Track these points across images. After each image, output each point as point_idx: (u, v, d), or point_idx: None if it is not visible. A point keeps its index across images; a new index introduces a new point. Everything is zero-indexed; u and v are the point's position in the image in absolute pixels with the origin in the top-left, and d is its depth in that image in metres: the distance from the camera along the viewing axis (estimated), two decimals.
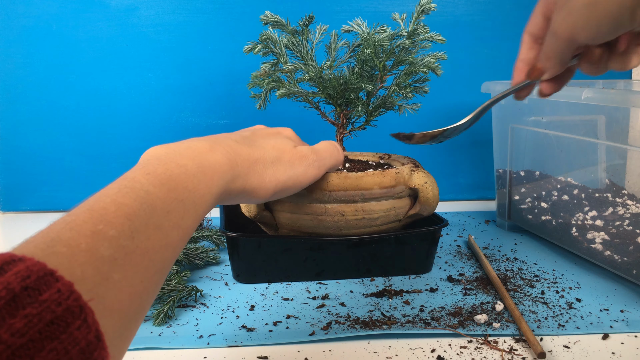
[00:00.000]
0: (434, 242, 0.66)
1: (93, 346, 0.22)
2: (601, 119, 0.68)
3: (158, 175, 0.33)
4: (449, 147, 1.02)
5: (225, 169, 0.39)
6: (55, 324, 0.21)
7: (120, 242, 0.27)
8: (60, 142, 0.94)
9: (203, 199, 0.35)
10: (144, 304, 0.29)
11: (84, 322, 0.22)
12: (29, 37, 0.91)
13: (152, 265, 0.29)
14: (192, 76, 0.95)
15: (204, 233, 0.76)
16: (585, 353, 0.48)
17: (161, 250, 0.30)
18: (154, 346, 0.49)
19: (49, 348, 0.20)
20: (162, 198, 0.32)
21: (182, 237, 0.33)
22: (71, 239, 0.26)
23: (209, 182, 0.36)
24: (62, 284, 0.22)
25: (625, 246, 0.63)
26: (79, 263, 0.25)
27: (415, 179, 0.64)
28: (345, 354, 0.48)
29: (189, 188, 0.34)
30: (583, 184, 0.72)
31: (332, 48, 0.68)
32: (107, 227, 0.27)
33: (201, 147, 0.39)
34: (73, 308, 0.22)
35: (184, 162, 0.36)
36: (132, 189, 0.31)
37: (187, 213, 0.33)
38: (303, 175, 0.49)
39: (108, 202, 0.29)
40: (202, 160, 0.37)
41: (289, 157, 0.48)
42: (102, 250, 0.26)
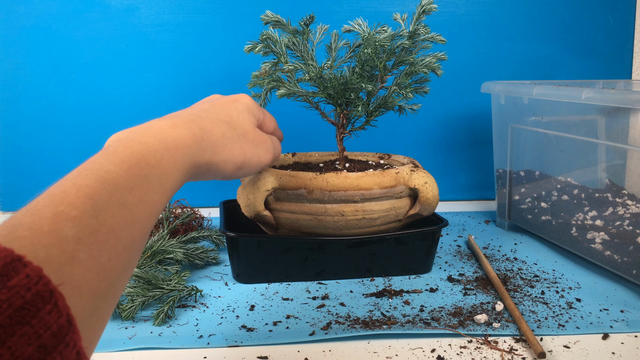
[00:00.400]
0: (434, 242, 0.66)
1: (65, 330, 0.22)
2: (601, 119, 0.68)
3: (118, 154, 0.33)
4: (449, 147, 1.02)
5: (190, 142, 0.39)
6: (26, 309, 0.21)
7: (84, 222, 0.27)
8: (60, 142, 0.94)
9: (168, 173, 0.35)
10: (114, 282, 0.29)
11: (55, 306, 0.22)
12: (29, 37, 0.91)
13: (120, 243, 0.29)
14: (192, 76, 0.95)
15: (204, 233, 0.76)
16: (585, 353, 0.48)
17: (128, 227, 0.30)
18: (154, 346, 0.49)
19: (20, 333, 0.20)
20: (124, 175, 0.31)
21: (150, 213, 0.33)
22: (32, 223, 0.25)
23: (173, 157, 0.36)
24: (30, 269, 0.22)
25: (625, 246, 0.63)
26: (42, 245, 0.24)
27: (415, 179, 0.64)
28: (345, 354, 0.48)
29: (152, 163, 0.34)
30: (583, 184, 0.72)
31: (333, 48, 0.68)
32: (69, 208, 0.27)
33: (162, 124, 0.38)
34: (43, 293, 0.22)
35: (144, 140, 0.35)
36: (92, 171, 0.30)
37: (152, 188, 0.33)
38: (264, 155, 0.50)
39: (68, 185, 0.29)
40: (164, 136, 0.37)
41: (252, 136, 0.49)
42: (65, 231, 0.26)
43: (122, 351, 0.49)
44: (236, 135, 0.46)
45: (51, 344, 0.21)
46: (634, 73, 1.03)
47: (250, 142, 0.48)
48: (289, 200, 0.62)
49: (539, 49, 1.00)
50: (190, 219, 0.79)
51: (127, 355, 0.48)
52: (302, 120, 0.88)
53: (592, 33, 1.01)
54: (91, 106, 0.94)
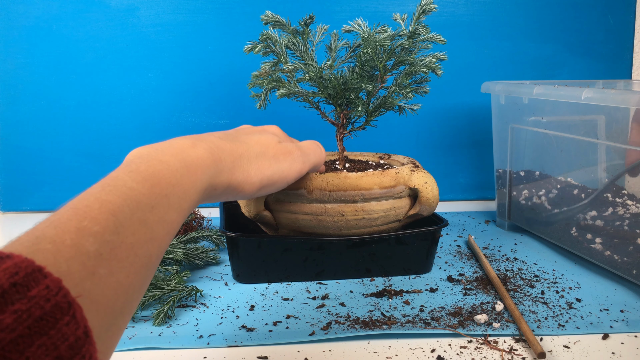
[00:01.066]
0: (434, 242, 0.66)
1: (81, 342, 0.22)
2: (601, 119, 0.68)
3: (141, 172, 0.33)
4: (449, 147, 1.02)
5: (208, 163, 0.39)
6: (44, 320, 0.21)
7: (105, 238, 0.27)
8: (60, 142, 0.94)
9: (187, 193, 0.36)
10: (130, 299, 0.29)
11: (73, 318, 0.22)
12: (29, 37, 0.91)
13: (138, 260, 0.29)
14: (192, 76, 0.95)
15: (204, 233, 0.76)
16: (585, 353, 0.48)
17: (147, 245, 0.30)
18: (154, 346, 0.49)
19: (38, 343, 0.20)
20: (146, 194, 0.32)
21: (167, 232, 0.33)
22: (56, 236, 0.26)
23: (193, 177, 0.37)
24: (50, 280, 0.22)
25: (625, 246, 0.63)
26: (64, 258, 0.25)
27: (415, 179, 0.64)
28: (345, 354, 0.48)
29: (172, 183, 0.34)
30: (583, 184, 0.72)
31: (333, 48, 0.68)
32: (92, 224, 0.27)
33: (183, 144, 0.39)
34: (61, 304, 0.22)
35: (166, 159, 0.36)
36: (115, 187, 0.31)
37: (172, 207, 0.34)
38: (288, 169, 0.49)
39: (92, 200, 0.29)
40: (184, 156, 0.37)
41: (274, 151, 0.48)
42: (87, 246, 0.26)
43: (122, 351, 0.49)
44: (254, 156, 0.46)
45: (68, 355, 0.21)
46: (634, 73, 1.03)
47: (271, 158, 0.47)
48: (289, 201, 0.62)
49: (539, 49, 1.00)
50: (190, 219, 0.79)
51: (127, 355, 0.48)
52: (302, 120, 0.88)
53: (592, 33, 1.01)
54: (91, 106, 0.94)
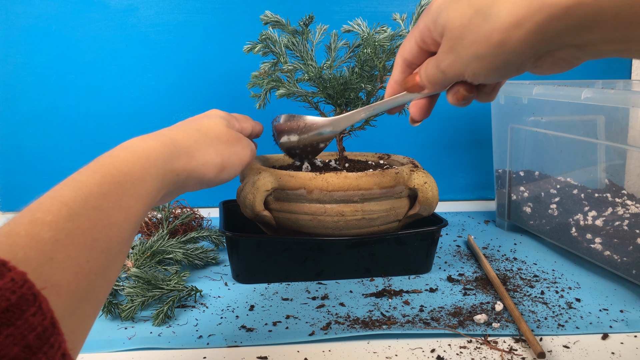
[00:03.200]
0: (434, 242, 0.66)
1: (49, 332, 0.23)
2: (601, 119, 0.68)
3: (90, 167, 0.35)
4: (448, 147, 1.02)
5: (162, 150, 0.40)
6: (11, 312, 0.22)
7: (60, 225, 0.28)
8: (60, 142, 0.95)
9: (142, 179, 0.37)
10: (93, 285, 0.29)
11: (39, 309, 0.23)
12: (29, 37, 0.91)
13: (97, 245, 0.30)
14: (192, 76, 0.95)
15: (204, 233, 0.76)
16: (585, 353, 0.48)
17: (104, 230, 0.31)
18: (153, 346, 0.49)
19: (6, 333, 0.21)
20: (97, 183, 0.33)
21: (125, 218, 0.34)
22: (10, 230, 0.27)
23: (145, 164, 0.38)
24: (15, 273, 0.23)
25: (625, 246, 0.63)
26: (20, 247, 0.25)
27: (415, 179, 0.64)
28: (345, 354, 0.49)
29: (124, 171, 0.36)
30: (583, 184, 0.72)
31: (332, 48, 0.68)
32: (45, 214, 0.28)
33: (133, 140, 0.40)
34: (27, 296, 0.23)
35: (115, 153, 0.37)
36: (66, 184, 0.32)
37: (126, 194, 0.34)
38: (243, 153, 0.51)
39: (44, 197, 0.30)
40: (134, 148, 0.39)
41: (227, 137, 0.50)
42: (42, 234, 0.27)
43: (121, 351, 0.49)
44: (209, 140, 0.47)
45: (36, 345, 0.22)
46: (633, 73, 1.03)
47: (225, 143, 0.49)
48: (289, 201, 0.62)
49: None
50: (190, 219, 0.79)
51: (126, 355, 0.48)
52: None
53: None
54: (91, 106, 0.94)
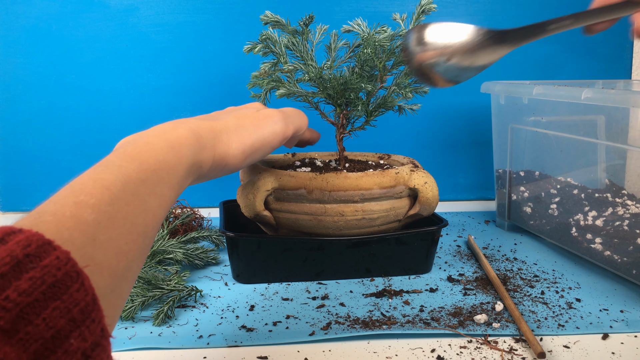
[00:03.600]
0: (434, 242, 0.66)
1: (90, 307, 0.24)
2: (601, 119, 0.68)
3: (128, 153, 0.37)
4: (449, 147, 1.02)
5: (191, 140, 0.42)
6: (57, 287, 0.23)
7: (102, 208, 0.30)
8: (60, 142, 0.94)
9: (174, 168, 0.39)
10: (130, 265, 0.31)
11: (82, 285, 0.24)
12: (29, 37, 0.91)
13: (134, 228, 0.32)
14: (192, 76, 0.95)
15: (204, 233, 0.76)
16: (585, 353, 0.48)
17: (142, 215, 0.33)
18: (153, 346, 0.49)
19: (53, 306, 0.23)
20: (135, 169, 0.35)
21: (160, 204, 0.36)
22: (56, 210, 0.28)
23: (177, 154, 0.40)
24: (59, 252, 0.24)
25: (625, 246, 0.63)
26: (65, 227, 0.27)
27: (415, 179, 0.64)
28: (345, 354, 0.49)
29: (159, 159, 0.38)
30: (583, 184, 0.72)
31: (332, 48, 0.68)
32: (88, 197, 0.30)
33: (165, 126, 0.42)
34: (71, 273, 0.24)
35: (150, 140, 0.39)
36: (107, 167, 0.34)
37: (162, 181, 0.37)
38: (271, 134, 0.51)
39: (85, 178, 0.32)
40: (167, 136, 0.41)
41: (252, 120, 0.50)
42: (85, 216, 0.29)
43: (121, 351, 0.49)
44: (232, 128, 0.48)
45: (80, 318, 0.24)
46: (633, 73, 1.03)
47: (249, 128, 0.49)
48: (289, 200, 0.62)
49: (539, 49, 1.00)
50: (190, 219, 0.79)
51: (126, 355, 0.48)
52: None
53: None
54: (91, 106, 0.94)
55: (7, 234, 0.24)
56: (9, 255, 0.22)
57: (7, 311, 0.21)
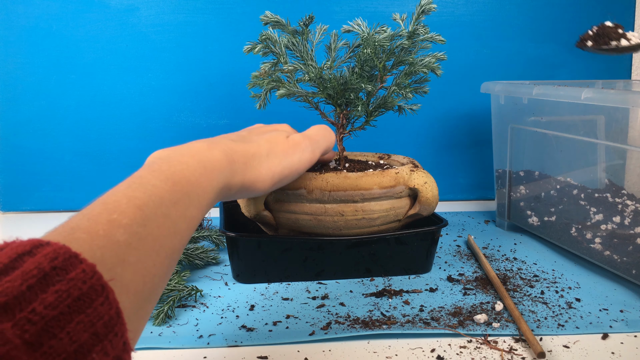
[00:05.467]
0: (434, 242, 0.67)
1: (114, 321, 0.24)
2: (601, 119, 0.68)
3: (163, 172, 0.36)
4: (448, 147, 1.02)
5: (224, 164, 0.42)
6: (82, 300, 0.23)
7: (134, 229, 0.30)
8: (60, 142, 0.95)
9: (205, 191, 0.39)
10: (156, 286, 0.31)
11: (106, 299, 0.24)
12: (29, 37, 0.92)
13: (163, 251, 0.32)
14: (192, 76, 0.95)
15: (204, 233, 0.76)
16: (585, 353, 0.49)
17: (170, 237, 0.33)
18: (153, 346, 0.49)
19: (77, 320, 0.23)
20: (169, 190, 0.35)
21: (188, 226, 0.36)
22: (89, 227, 0.28)
23: (210, 176, 0.40)
24: (85, 265, 0.24)
25: (625, 246, 0.63)
26: (98, 247, 0.27)
27: (415, 179, 0.64)
28: (345, 353, 0.49)
29: (192, 181, 0.37)
30: (582, 184, 0.72)
31: (332, 48, 0.68)
32: (121, 217, 0.30)
33: (200, 146, 0.42)
34: (96, 286, 0.24)
35: (185, 160, 0.39)
36: (141, 184, 0.34)
37: (192, 204, 0.37)
38: (298, 162, 0.52)
39: (120, 196, 0.32)
40: (201, 157, 0.40)
41: (282, 147, 0.51)
42: (117, 236, 0.29)
43: None
44: (264, 155, 0.49)
45: (103, 332, 0.24)
46: (633, 73, 1.03)
47: (279, 155, 0.50)
48: (289, 201, 0.62)
49: (538, 49, 1.00)
50: None
51: None
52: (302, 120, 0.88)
53: None
54: (91, 106, 0.94)
55: (35, 246, 0.24)
56: (37, 267, 0.23)
57: (33, 324, 0.21)
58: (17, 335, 0.20)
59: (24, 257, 0.23)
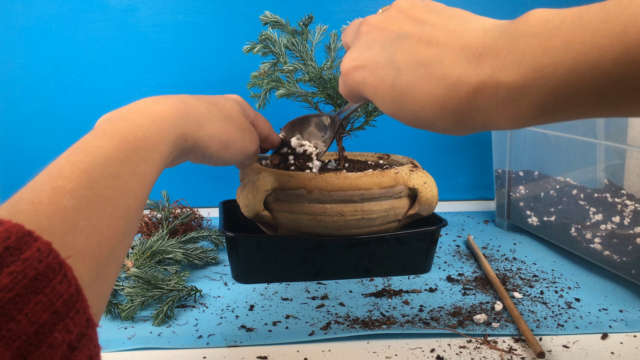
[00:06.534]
0: (433, 242, 0.67)
1: (74, 298, 0.24)
2: (600, 119, 0.68)
3: (107, 132, 0.35)
4: (448, 147, 1.02)
5: (175, 116, 0.40)
6: (39, 280, 0.23)
7: (80, 193, 0.29)
8: (60, 142, 0.95)
9: (156, 144, 0.37)
10: (114, 250, 0.30)
11: (64, 277, 0.24)
12: (29, 37, 0.91)
13: (116, 212, 0.31)
14: (192, 76, 0.95)
15: (204, 233, 0.76)
16: (585, 353, 0.49)
17: (122, 197, 0.32)
18: (153, 346, 0.49)
19: (35, 301, 0.22)
20: (114, 149, 0.33)
21: (142, 184, 0.35)
22: (33, 197, 0.27)
23: (159, 129, 0.38)
24: (41, 243, 0.24)
25: (624, 246, 0.63)
26: (44, 215, 0.26)
27: (415, 179, 0.64)
28: (344, 353, 0.49)
29: (139, 137, 0.36)
30: (582, 184, 0.72)
31: (332, 48, 0.68)
32: (65, 182, 0.29)
33: (146, 102, 0.41)
34: (53, 265, 0.23)
35: (131, 117, 0.38)
36: (84, 148, 0.33)
37: (142, 160, 0.35)
38: (249, 144, 0.52)
39: (63, 162, 0.31)
40: (149, 112, 0.39)
41: (240, 122, 0.50)
42: (64, 202, 0.28)
43: (121, 351, 0.49)
44: (222, 116, 0.47)
45: (63, 311, 0.23)
46: None
47: (237, 126, 0.50)
48: (289, 200, 0.62)
49: None
50: (190, 219, 0.79)
51: (126, 355, 0.48)
52: None
53: None
54: (91, 106, 0.94)
55: None
56: None
57: None
58: None
59: None
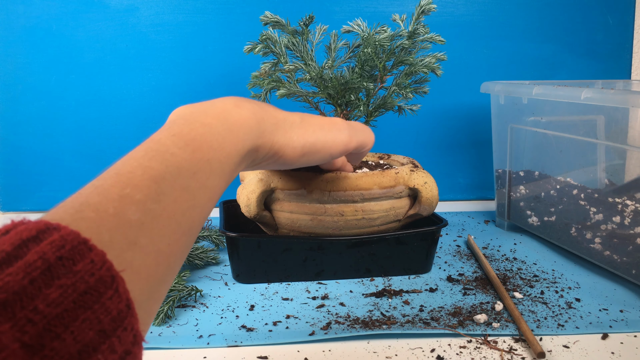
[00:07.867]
0: (434, 242, 0.67)
1: (124, 314, 0.22)
2: (600, 119, 0.68)
3: (183, 136, 0.33)
4: (448, 147, 1.02)
5: (251, 123, 0.38)
6: (89, 294, 0.21)
7: (147, 206, 0.27)
8: (60, 142, 0.95)
9: (229, 156, 0.35)
10: (171, 267, 0.29)
11: (116, 291, 0.22)
12: (29, 37, 0.91)
13: (179, 228, 0.29)
14: (192, 76, 0.95)
15: (204, 233, 0.76)
16: (585, 353, 0.49)
17: (188, 212, 0.30)
18: (153, 346, 0.49)
19: (83, 317, 0.21)
20: (188, 159, 0.31)
21: (210, 198, 0.33)
22: (99, 204, 0.26)
23: (235, 139, 0.36)
24: (95, 253, 0.22)
25: (625, 246, 0.63)
26: (106, 228, 0.25)
27: (415, 179, 0.64)
28: (344, 353, 0.49)
29: (214, 147, 0.34)
30: (582, 184, 0.72)
31: (332, 48, 0.68)
32: (134, 191, 0.27)
33: (227, 103, 0.38)
34: (105, 278, 0.22)
35: (208, 121, 0.35)
36: (158, 152, 0.30)
37: (214, 173, 0.33)
38: (333, 140, 0.47)
39: (135, 165, 0.29)
40: (227, 117, 0.36)
41: (318, 120, 0.46)
42: (129, 215, 0.26)
43: None
44: (297, 122, 0.44)
45: (110, 328, 0.22)
46: (633, 73, 1.03)
47: (314, 126, 0.45)
48: (289, 200, 0.62)
49: (538, 49, 1.00)
50: None
51: None
52: None
53: (591, 33, 1.01)
54: (91, 106, 0.94)
55: (41, 231, 0.22)
56: (41, 258, 0.21)
57: (33, 324, 0.19)
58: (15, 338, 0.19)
59: (29, 243, 0.21)
